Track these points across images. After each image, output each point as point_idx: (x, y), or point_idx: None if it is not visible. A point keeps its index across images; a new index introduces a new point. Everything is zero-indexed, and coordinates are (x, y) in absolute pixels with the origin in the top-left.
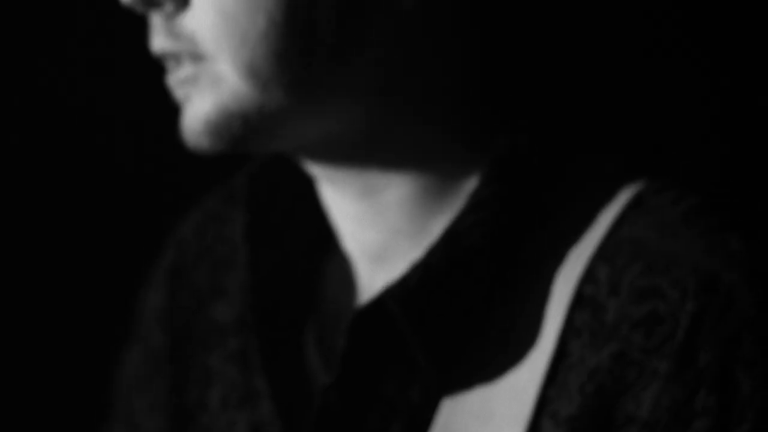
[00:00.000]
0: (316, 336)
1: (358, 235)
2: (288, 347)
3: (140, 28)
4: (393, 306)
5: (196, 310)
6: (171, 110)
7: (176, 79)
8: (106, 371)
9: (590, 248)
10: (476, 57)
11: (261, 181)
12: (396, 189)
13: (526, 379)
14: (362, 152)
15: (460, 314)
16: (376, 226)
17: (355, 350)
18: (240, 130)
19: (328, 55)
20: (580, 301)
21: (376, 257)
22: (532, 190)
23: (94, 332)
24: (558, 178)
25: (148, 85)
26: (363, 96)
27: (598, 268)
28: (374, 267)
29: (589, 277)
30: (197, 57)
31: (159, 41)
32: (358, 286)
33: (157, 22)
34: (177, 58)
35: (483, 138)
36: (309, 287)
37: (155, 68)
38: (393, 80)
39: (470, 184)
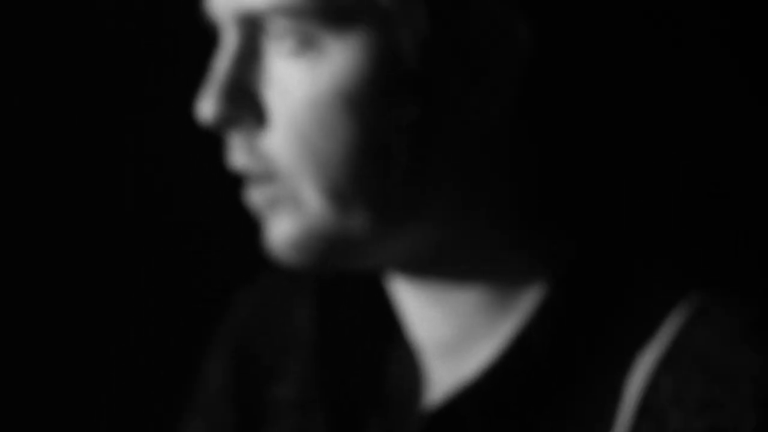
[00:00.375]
0: (379, 420)
1: (427, 330)
2: (351, 428)
3: (140, 27)
4: (467, 410)
5: (259, 387)
6: (172, 110)
7: (258, 198)
8: (100, 369)
9: (654, 358)
10: (537, 168)
11: None
12: (466, 293)
13: None
14: (435, 263)
15: (530, 417)
16: (446, 325)
17: None
18: (326, 251)
19: (404, 175)
20: (644, 411)
21: (444, 351)
22: (598, 298)
23: (93, 333)
24: (622, 287)
25: (148, 86)
26: (438, 213)
27: (663, 379)
28: (442, 360)
29: (653, 386)
30: (278, 176)
31: (240, 158)
32: (424, 376)
33: (236, 140)
34: (258, 176)
35: (547, 246)
36: (372, 371)
37: (156, 68)
38: (464, 196)
39: (538, 289)
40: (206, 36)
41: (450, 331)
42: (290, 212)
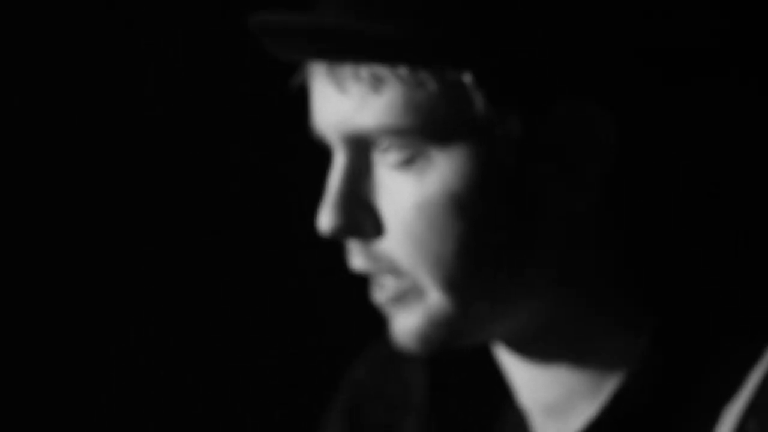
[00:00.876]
0: None
1: (533, 394)
2: None
3: (141, 28)
4: None
5: None
6: (172, 111)
7: (384, 297)
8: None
9: (741, 407)
10: (623, 247)
11: None
12: (568, 361)
13: None
14: (539, 335)
15: None
16: (551, 390)
17: None
18: (446, 336)
19: (509, 262)
20: None
21: (551, 412)
22: (688, 359)
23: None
24: (709, 346)
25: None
26: (539, 291)
27: (749, 423)
28: (548, 420)
29: (741, 430)
30: (398, 273)
31: (360, 262)
32: None
33: (355, 245)
34: (380, 275)
35: (638, 315)
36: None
37: (157, 69)
38: (562, 276)
39: (634, 353)
40: (206, 37)
41: (555, 395)
42: (414, 305)
